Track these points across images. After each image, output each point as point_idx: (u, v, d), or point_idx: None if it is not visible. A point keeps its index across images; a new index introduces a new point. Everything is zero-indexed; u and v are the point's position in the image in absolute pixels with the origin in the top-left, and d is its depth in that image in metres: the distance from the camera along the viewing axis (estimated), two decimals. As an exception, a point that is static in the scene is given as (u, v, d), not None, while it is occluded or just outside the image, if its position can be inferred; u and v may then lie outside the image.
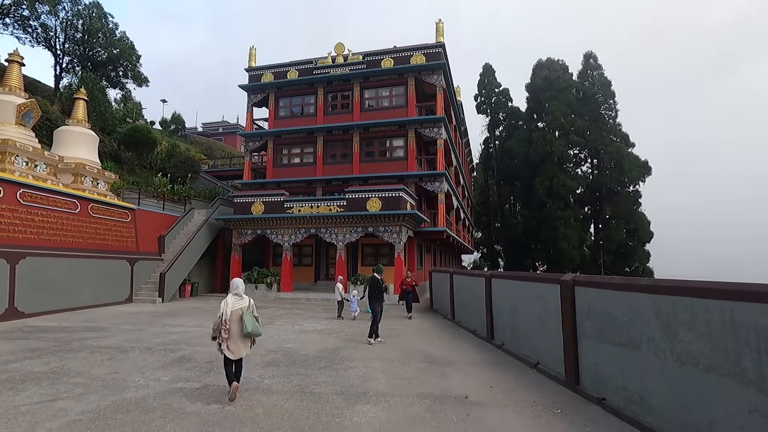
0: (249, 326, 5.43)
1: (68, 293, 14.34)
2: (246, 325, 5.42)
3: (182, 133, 46.23)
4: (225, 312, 5.45)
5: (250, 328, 5.43)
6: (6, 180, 13.01)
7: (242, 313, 5.49)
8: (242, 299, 5.66)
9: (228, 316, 5.44)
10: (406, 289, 14.12)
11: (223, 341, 5.41)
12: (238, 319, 5.48)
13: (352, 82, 24.53)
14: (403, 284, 14.35)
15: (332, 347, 9.03)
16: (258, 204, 20.64)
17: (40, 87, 32.64)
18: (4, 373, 6.59)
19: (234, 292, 5.67)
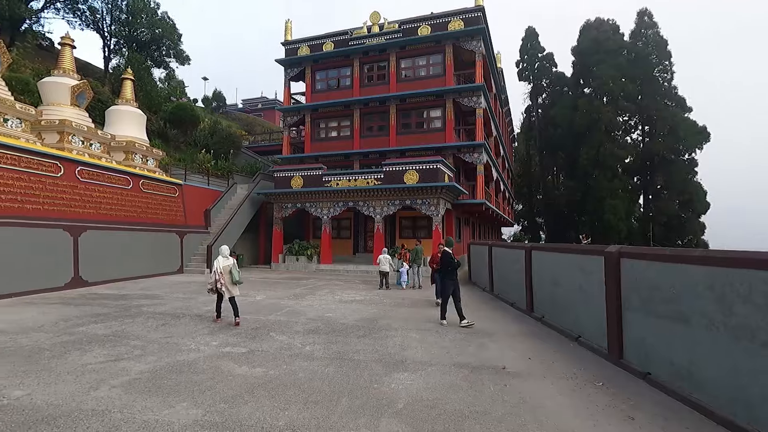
0: (236, 276, 8.28)
1: (125, 264, 15.34)
2: (234, 275, 8.23)
3: (223, 110, 47.38)
4: (218, 268, 8.23)
5: (237, 277, 8.28)
6: (66, 158, 13.86)
7: (231, 269, 8.23)
8: (228, 260, 8.36)
9: (220, 271, 8.20)
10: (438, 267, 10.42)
11: (221, 286, 8.20)
12: (228, 272, 8.24)
13: (388, 52, 24.04)
14: (434, 260, 10.87)
15: (370, 317, 9.23)
16: (297, 178, 20.99)
17: (91, 69, 34.15)
18: (72, 336, 7.20)
19: (222, 255, 8.40)
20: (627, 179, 39.58)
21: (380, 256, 14.37)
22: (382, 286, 14.06)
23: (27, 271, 11.77)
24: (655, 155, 38.21)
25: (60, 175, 13.49)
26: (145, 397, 4.52)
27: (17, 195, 11.97)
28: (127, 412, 4.15)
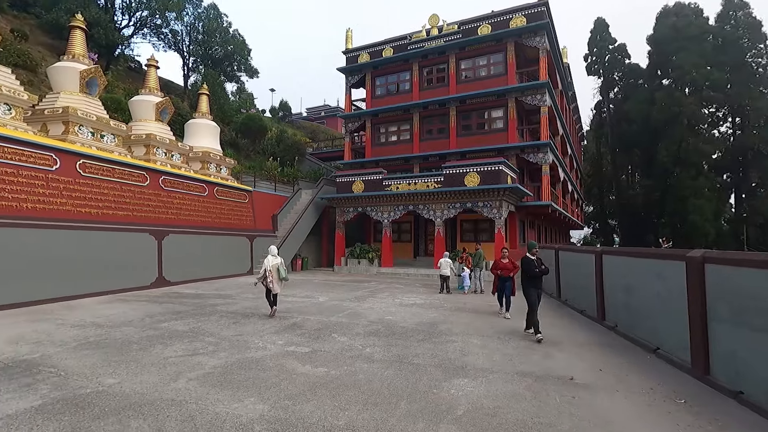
0: (283, 273, 9.38)
1: (201, 265, 16.50)
2: (281, 272, 9.34)
3: (289, 119, 49.51)
4: (267, 266, 9.29)
5: (283, 274, 9.38)
6: (151, 169, 15.24)
7: (278, 266, 9.32)
8: (276, 258, 9.46)
9: (269, 268, 9.26)
10: (501, 274, 9.58)
11: (269, 282, 9.23)
12: (276, 270, 9.31)
13: (447, 54, 23.85)
14: (497, 266, 9.68)
15: (430, 321, 9.16)
16: (358, 183, 21.42)
17: (173, 86, 37.28)
18: (156, 331, 7.88)
19: (271, 254, 9.51)
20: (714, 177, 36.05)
21: (441, 260, 14.20)
22: (443, 290, 13.89)
23: (120, 271, 13.06)
24: (749, 149, 34.45)
25: (146, 185, 14.83)
26: (217, 390, 4.83)
27: (111, 203, 13.34)
28: (201, 403, 4.45)
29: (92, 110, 14.13)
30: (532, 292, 7.73)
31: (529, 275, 7.81)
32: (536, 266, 7.79)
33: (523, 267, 7.88)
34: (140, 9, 34.53)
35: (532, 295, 7.70)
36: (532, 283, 7.80)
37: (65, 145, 12.37)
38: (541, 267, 7.86)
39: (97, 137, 14.02)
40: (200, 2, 37.61)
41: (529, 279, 7.82)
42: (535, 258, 7.90)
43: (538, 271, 7.79)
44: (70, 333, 7.62)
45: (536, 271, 7.76)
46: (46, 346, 6.67)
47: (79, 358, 6.08)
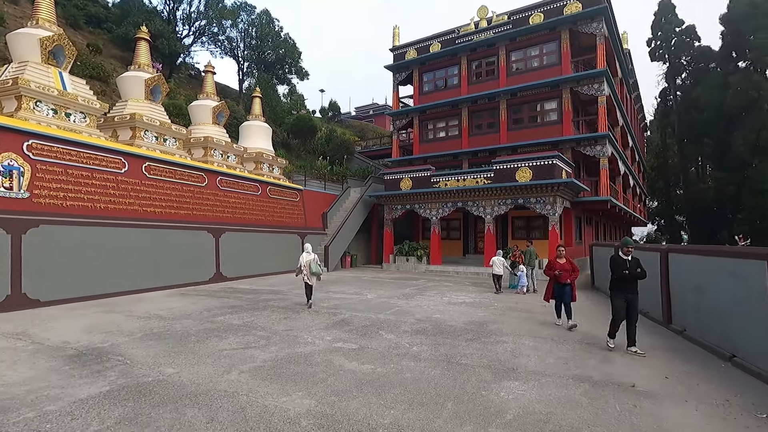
0: (314, 268, 10.06)
1: (255, 262, 17.13)
2: (311, 268, 10.04)
3: (338, 119, 50.35)
4: (302, 261, 10.19)
5: (314, 269, 10.06)
6: (209, 170, 16.02)
7: (311, 262, 10.05)
8: (310, 254, 10.24)
9: (304, 264, 10.13)
10: (558, 278, 8.29)
11: (304, 276, 10.15)
12: (309, 265, 10.06)
13: (497, 46, 23.17)
14: (552, 267, 8.44)
15: (480, 320, 8.93)
16: (406, 180, 21.34)
17: (229, 91, 39.05)
18: (212, 324, 8.25)
19: (306, 251, 10.33)
20: (801, 167, 32.35)
21: (494, 258, 13.64)
22: (495, 289, 13.46)
23: (181, 267, 13.85)
24: (844, 136, 30.63)
25: (205, 185, 15.61)
26: (267, 384, 4.96)
27: (173, 202, 14.16)
28: (252, 396, 4.59)
29: (156, 116, 15.07)
30: (619, 298, 6.55)
31: (617, 278, 6.59)
32: (628, 268, 6.51)
33: (612, 268, 6.70)
34: (199, 19, 36.44)
35: (619, 302, 6.55)
36: (622, 287, 6.56)
37: (132, 149, 13.28)
38: (637, 270, 6.50)
39: (160, 141, 14.94)
40: (254, 9, 39.10)
41: (618, 282, 6.61)
42: (628, 258, 6.59)
43: (629, 273, 6.47)
44: (136, 324, 8.16)
45: (625, 273, 6.48)
46: (115, 336, 7.18)
47: (144, 348, 6.48)
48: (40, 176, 10.54)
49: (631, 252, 6.64)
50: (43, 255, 10.12)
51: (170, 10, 35.74)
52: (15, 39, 12.26)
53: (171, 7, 35.71)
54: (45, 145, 10.76)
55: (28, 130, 10.51)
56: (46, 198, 10.56)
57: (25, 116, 11.04)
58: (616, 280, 6.65)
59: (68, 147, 11.28)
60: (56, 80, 12.20)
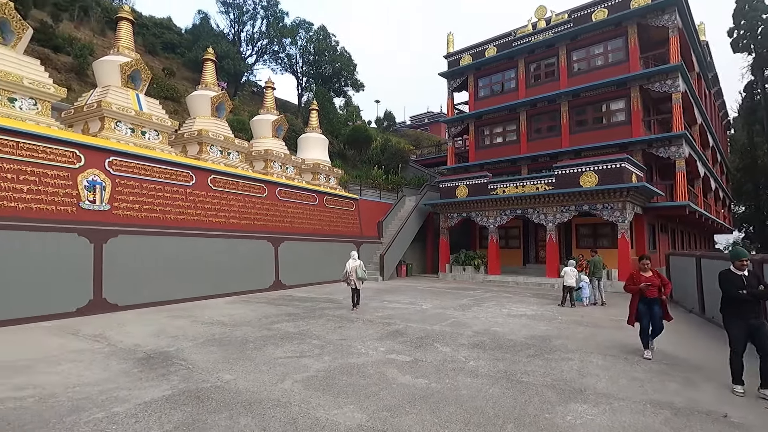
0: (359, 274, 10.92)
1: (312, 270, 17.46)
2: (358, 273, 10.90)
3: (393, 128, 50.71)
4: (348, 268, 11.05)
5: (360, 275, 10.92)
6: (269, 181, 16.63)
7: (356, 269, 10.90)
8: (355, 261, 11.10)
9: (350, 270, 10.97)
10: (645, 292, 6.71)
11: (349, 281, 11.01)
12: (354, 271, 10.91)
13: (556, 46, 22.19)
14: (634, 281, 6.91)
15: (543, 335, 8.39)
16: (462, 187, 20.89)
17: (288, 105, 40.70)
18: (270, 331, 8.43)
19: (352, 258, 11.24)
20: None
21: (565, 268, 12.38)
22: (565, 302, 12.27)
23: (243, 275, 14.41)
24: None
25: (265, 195, 16.22)
26: (319, 395, 4.90)
27: (236, 213, 14.82)
28: (304, 406, 4.55)
29: (220, 131, 15.92)
30: (737, 326, 5.24)
31: (731, 298, 5.31)
32: (746, 285, 5.21)
33: (724, 287, 5.41)
34: (261, 39, 38.44)
35: (737, 330, 5.24)
36: (740, 311, 5.24)
37: (199, 163, 14.10)
38: (760, 287, 5.20)
39: (224, 155, 15.76)
40: (311, 25, 40.56)
41: (734, 305, 5.32)
42: (743, 273, 5.33)
43: (748, 292, 5.16)
44: (200, 330, 8.52)
45: (742, 292, 5.17)
46: (180, 341, 7.53)
47: (205, 353, 6.71)
48: (119, 190, 11.45)
49: (747, 265, 5.41)
50: (120, 263, 10.94)
51: (235, 32, 38.04)
52: (99, 66, 13.52)
53: (236, 30, 38.01)
54: (123, 161, 11.69)
55: (110, 148, 11.48)
56: (124, 210, 11.43)
57: (107, 135, 12.07)
58: (730, 302, 5.36)
59: (143, 162, 12.18)
60: (134, 102, 13.27)
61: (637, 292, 6.83)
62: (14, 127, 9.59)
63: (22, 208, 9.44)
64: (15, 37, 10.95)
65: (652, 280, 6.80)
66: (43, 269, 9.42)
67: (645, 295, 6.75)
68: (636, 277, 6.98)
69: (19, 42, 11.06)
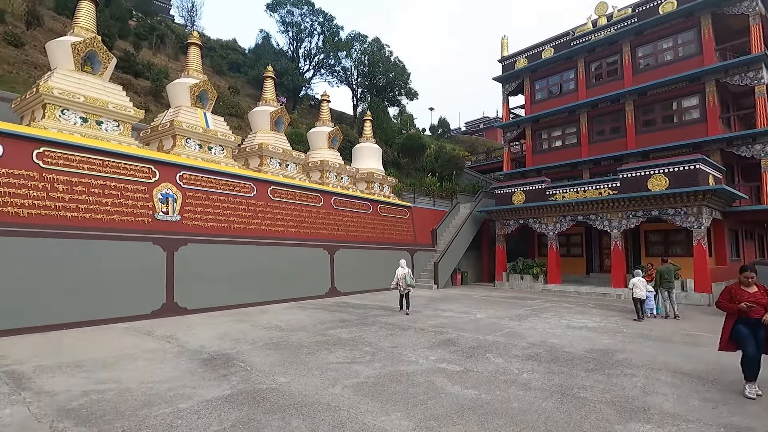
0: (408, 281, 11.90)
1: (366, 277, 17.71)
2: (407, 280, 11.87)
3: (447, 135, 50.42)
4: (398, 275, 12.03)
5: (408, 281, 11.90)
6: (325, 191, 17.16)
7: (405, 275, 11.86)
8: (404, 269, 12.02)
9: (399, 277, 11.97)
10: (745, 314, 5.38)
11: (400, 288, 11.99)
12: (404, 277, 11.88)
13: (619, 43, 21.06)
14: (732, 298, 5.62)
15: (604, 348, 7.93)
16: (518, 194, 20.30)
17: (344, 116, 41.82)
18: (324, 337, 8.68)
19: (401, 266, 12.18)
20: None
21: (633, 279, 11.47)
22: (638, 315, 11.30)
23: (301, 282, 14.93)
24: None
25: (321, 205, 16.75)
26: (368, 401, 4.99)
27: (294, 222, 15.44)
28: (352, 411, 4.65)
29: (279, 144, 16.72)
30: None
31: None
32: None
33: None
34: (318, 54, 39.97)
35: None
36: None
37: (259, 175, 14.88)
38: None
39: (282, 166, 16.51)
40: (365, 38, 41.55)
41: None
42: None
43: None
44: (259, 333, 8.96)
45: None
46: (241, 344, 7.97)
47: (263, 356, 7.05)
48: (188, 201, 12.37)
49: None
50: (189, 269, 11.77)
51: (294, 49, 39.88)
52: (172, 88, 14.75)
53: (295, 47, 39.85)
54: (192, 175, 12.62)
55: (180, 163, 12.46)
56: (192, 220, 12.32)
57: (178, 152, 13.12)
58: None
59: (209, 176, 13.07)
60: (201, 120, 14.32)
61: (734, 311, 5.51)
62: (101, 147, 10.71)
63: (107, 220, 10.49)
64: (102, 67, 12.27)
65: (758, 298, 5.45)
66: (123, 275, 10.38)
67: (749, 316, 5.40)
68: (735, 292, 5.63)
69: (105, 71, 12.37)
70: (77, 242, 9.73)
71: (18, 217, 9.09)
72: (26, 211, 9.22)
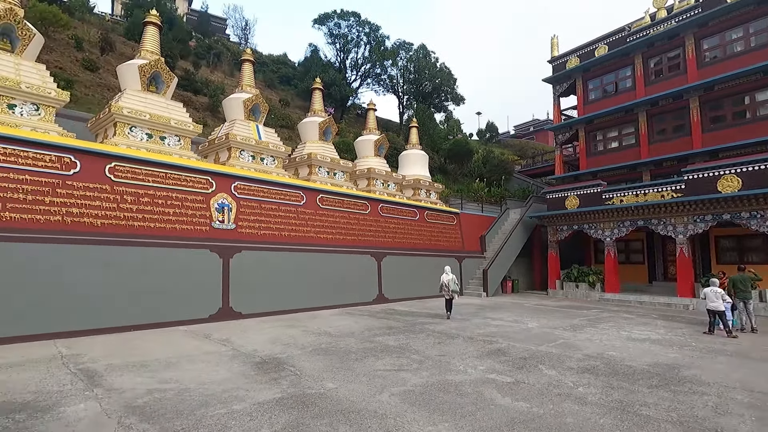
0: (452, 287, 12.21)
1: (413, 285, 17.62)
2: (450, 286, 12.19)
3: (496, 139, 49.41)
4: (443, 281, 12.36)
5: (453, 287, 12.22)
6: (372, 198, 17.34)
7: (449, 282, 12.22)
8: (448, 275, 12.40)
9: (445, 283, 12.30)
10: None
11: (445, 293, 12.33)
12: (448, 283, 12.21)
13: (681, 35, 19.73)
14: None
15: (670, 363, 7.38)
16: (572, 198, 19.47)
17: (391, 124, 42.12)
18: (371, 343, 8.72)
19: (446, 272, 12.50)
20: None
21: (706, 290, 10.38)
22: (709, 328, 10.36)
23: (349, 288, 15.13)
24: None
25: (368, 212, 16.92)
26: (415, 410, 4.94)
27: (341, 229, 15.70)
28: (399, 420, 4.63)
29: (327, 153, 17.12)
30: None
31: None
32: None
33: None
34: (365, 63, 40.65)
35: None
36: None
37: (308, 184, 15.29)
38: None
39: (330, 175, 16.88)
40: (411, 46, 41.77)
41: None
42: None
43: None
44: (309, 339, 9.16)
45: None
46: (291, 349, 8.18)
47: (312, 361, 7.20)
48: (242, 210, 12.94)
49: None
50: (243, 276, 12.28)
51: (341, 60, 40.80)
52: (227, 103, 15.55)
53: (342, 58, 40.77)
54: (246, 185, 13.20)
55: (235, 174, 13.07)
56: (246, 228, 12.86)
57: (233, 163, 13.78)
58: None
59: (262, 185, 13.61)
60: (254, 132, 14.97)
61: None
62: (164, 161, 11.47)
63: (169, 228, 11.19)
64: (165, 86, 13.17)
65: None
66: (183, 281, 11.00)
67: None
68: None
69: (167, 90, 13.28)
70: (143, 250, 10.45)
71: (93, 227, 9.91)
72: (100, 221, 10.02)
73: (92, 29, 28.35)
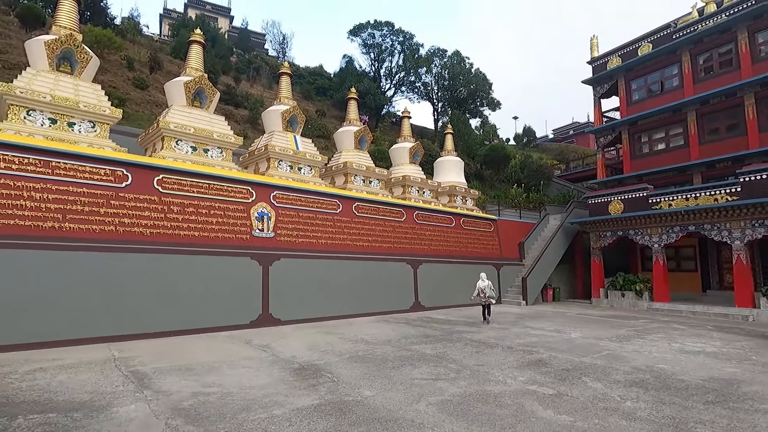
0: (488, 293, 12.48)
1: (450, 292, 17.40)
2: (487, 292, 12.46)
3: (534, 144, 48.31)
4: (479, 287, 12.61)
5: (489, 293, 12.48)
6: (407, 205, 17.34)
7: (485, 288, 12.45)
8: (484, 281, 12.57)
9: (481, 288, 12.53)
10: None
11: (481, 299, 12.57)
12: (484, 290, 12.47)
13: (734, 30, 18.66)
14: None
15: (728, 378, 6.91)
16: (615, 203, 18.71)
17: (426, 131, 42.09)
18: (408, 352, 8.68)
19: (481, 279, 12.66)
20: None
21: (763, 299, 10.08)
22: None
23: (385, 296, 15.14)
24: None
25: (403, 219, 16.93)
26: (452, 420, 4.87)
27: (377, 236, 15.77)
28: (437, 430, 4.56)
29: (362, 162, 17.30)
30: None
31: None
32: None
33: None
34: (399, 72, 40.94)
35: None
36: None
37: (344, 192, 15.50)
38: None
39: (366, 183, 17.03)
40: (445, 52, 41.71)
41: None
42: None
43: None
44: (346, 346, 9.23)
45: None
46: (329, 355, 8.27)
47: (349, 368, 7.24)
48: (280, 219, 13.27)
49: None
50: (282, 283, 12.56)
51: (375, 70, 41.31)
52: (266, 115, 16.06)
53: (376, 67, 41.28)
54: (284, 195, 13.54)
55: (274, 183, 13.45)
56: (284, 236, 13.17)
57: (272, 173, 14.18)
58: None
59: (299, 195, 13.92)
60: (291, 142, 15.36)
61: None
62: (207, 172, 11.97)
63: (212, 237, 11.63)
64: (208, 101, 13.77)
65: None
66: (225, 288, 11.38)
67: None
68: None
69: (210, 104, 13.87)
70: (187, 258, 10.90)
71: (142, 236, 10.45)
72: (149, 231, 10.56)
73: (142, 50, 30.12)
